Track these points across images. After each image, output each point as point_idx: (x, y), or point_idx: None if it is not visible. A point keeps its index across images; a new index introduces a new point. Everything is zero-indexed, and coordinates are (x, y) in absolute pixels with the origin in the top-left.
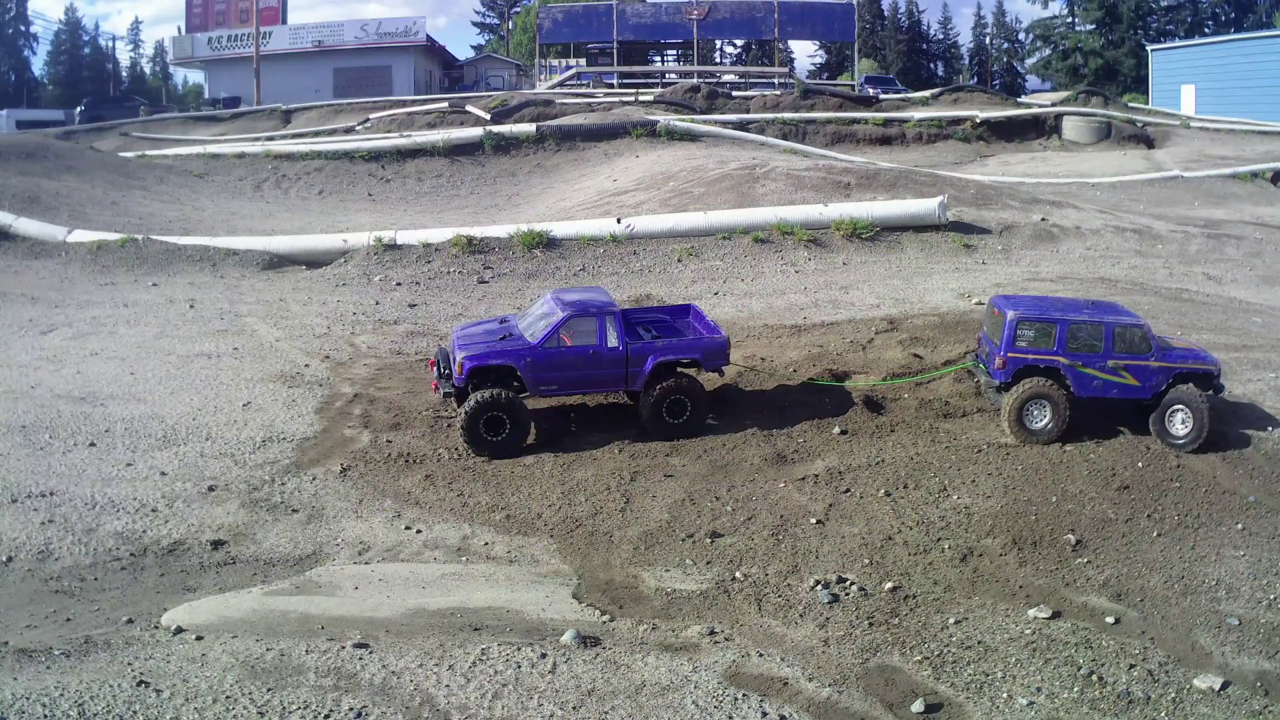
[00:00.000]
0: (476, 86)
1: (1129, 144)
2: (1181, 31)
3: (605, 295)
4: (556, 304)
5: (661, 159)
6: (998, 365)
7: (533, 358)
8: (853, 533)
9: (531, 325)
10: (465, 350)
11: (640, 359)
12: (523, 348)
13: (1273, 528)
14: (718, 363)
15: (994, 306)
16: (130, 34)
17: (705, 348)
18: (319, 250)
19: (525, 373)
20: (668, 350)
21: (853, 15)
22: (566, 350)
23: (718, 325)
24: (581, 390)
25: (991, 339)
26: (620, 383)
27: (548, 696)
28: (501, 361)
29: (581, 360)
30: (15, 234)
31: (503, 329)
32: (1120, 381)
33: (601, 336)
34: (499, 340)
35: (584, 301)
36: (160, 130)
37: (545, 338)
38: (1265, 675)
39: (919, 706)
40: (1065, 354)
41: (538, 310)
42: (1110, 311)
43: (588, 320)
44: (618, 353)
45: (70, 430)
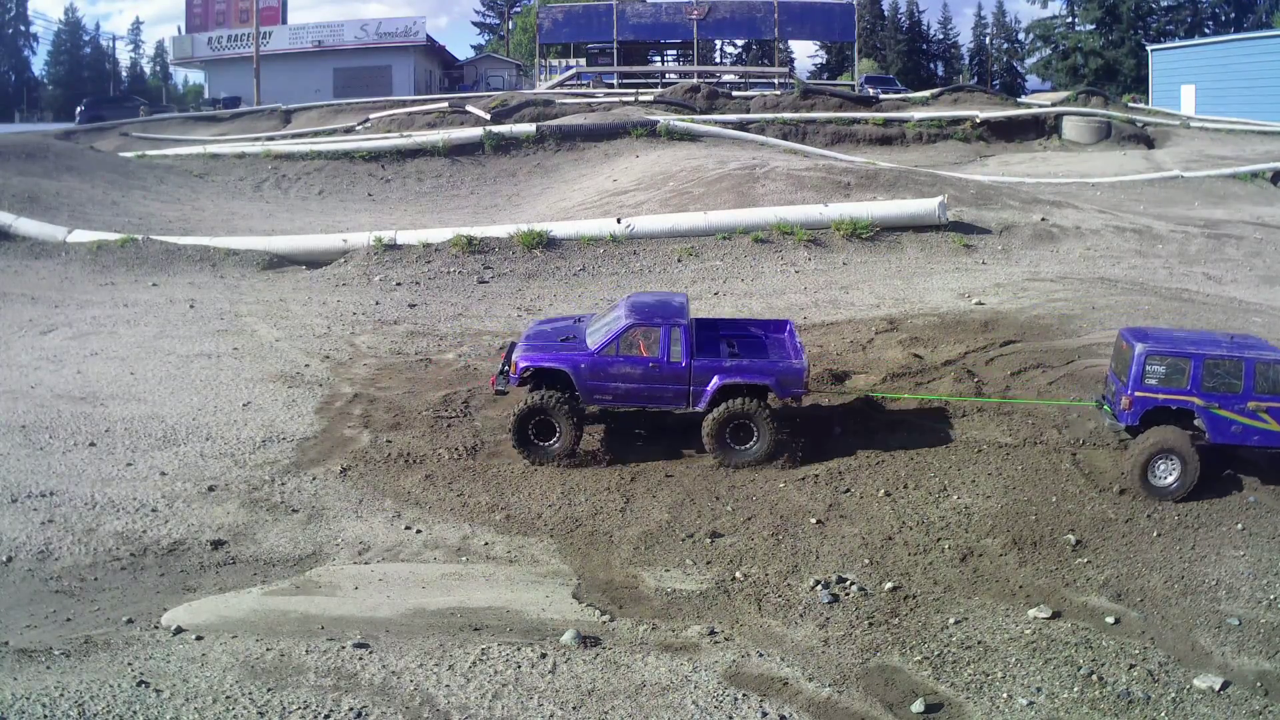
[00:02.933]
0: (476, 86)
1: (1129, 144)
2: (1181, 31)
3: (681, 303)
4: (625, 309)
5: (661, 159)
6: (1124, 406)
7: (588, 364)
8: (853, 533)
9: (597, 329)
10: (524, 349)
11: (704, 377)
12: (579, 353)
13: (1273, 528)
14: (792, 390)
15: (1122, 340)
16: (130, 34)
17: (779, 373)
18: (319, 250)
19: (578, 380)
20: (735, 371)
21: (853, 15)
22: (625, 360)
23: (803, 349)
24: (640, 404)
25: (1118, 375)
26: (682, 400)
27: (548, 696)
28: (555, 365)
29: (641, 372)
30: (15, 234)
31: (573, 329)
32: (1262, 427)
33: (665, 349)
34: (561, 342)
35: (651, 309)
36: (160, 130)
37: (604, 344)
38: (1265, 675)
39: (919, 706)
40: (1201, 394)
41: (610, 313)
42: (1250, 346)
43: (651, 330)
44: (680, 368)
45: (70, 430)
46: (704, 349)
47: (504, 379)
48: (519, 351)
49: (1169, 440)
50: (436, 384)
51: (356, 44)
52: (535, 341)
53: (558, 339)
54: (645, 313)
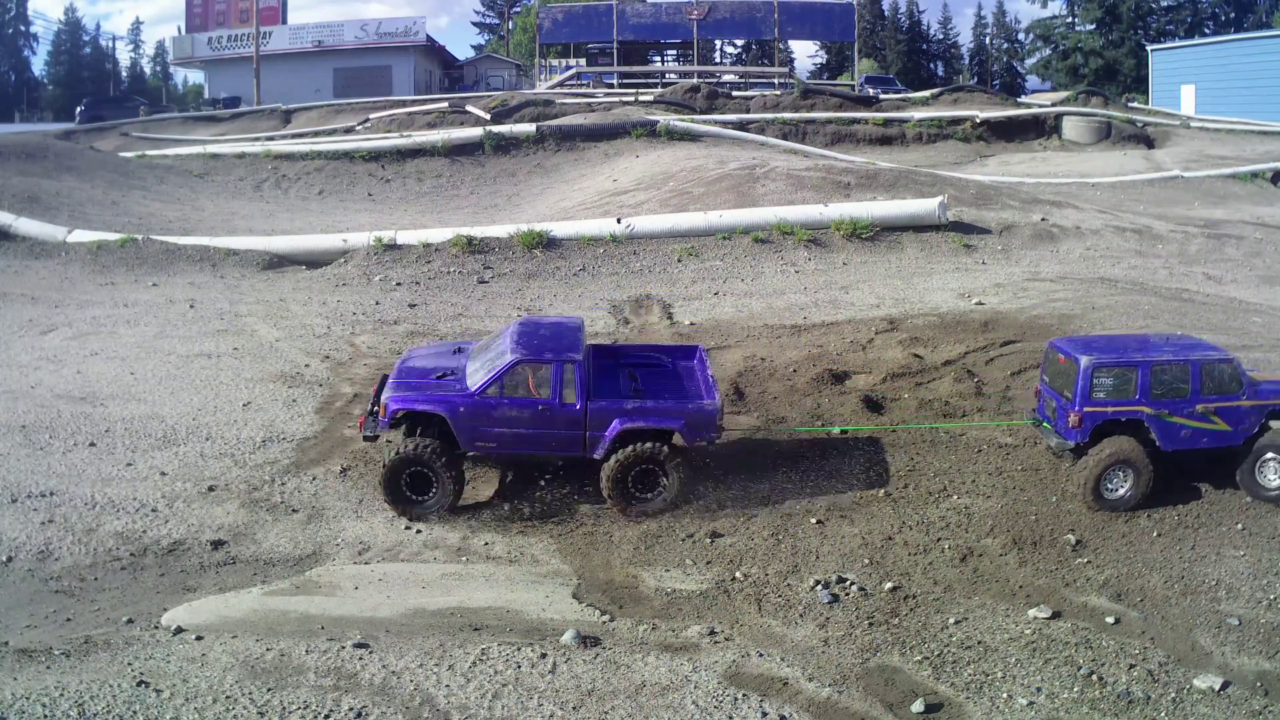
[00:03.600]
0: (476, 86)
1: (1129, 144)
2: (1181, 31)
3: (575, 333)
4: (511, 340)
5: (661, 159)
6: (1072, 423)
7: (468, 408)
8: (853, 533)
9: (480, 365)
10: (395, 388)
11: (602, 421)
12: (457, 394)
13: (1273, 528)
14: (703, 434)
15: (1058, 352)
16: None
17: (689, 414)
18: (319, 250)
19: (456, 425)
20: (638, 414)
21: (853, 15)
22: (510, 402)
23: (715, 383)
24: (529, 450)
25: (1058, 390)
26: (577, 446)
27: (548, 696)
28: (430, 408)
29: (529, 416)
30: (15, 234)
31: (452, 361)
32: (1211, 428)
33: (556, 389)
34: (437, 379)
35: (540, 342)
36: (160, 130)
37: (486, 384)
38: (1265, 675)
39: (919, 706)
40: (1150, 402)
41: (495, 343)
42: (1191, 346)
43: (540, 367)
44: (574, 411)
45: (70, 430)
46: (603, 383)
47: (373, 421)
48: (389, 391)
49: (1124, 451)
50: None
51: (356, 44)
52: (408, 378)
53: (434, 375)
54: (534, 347)
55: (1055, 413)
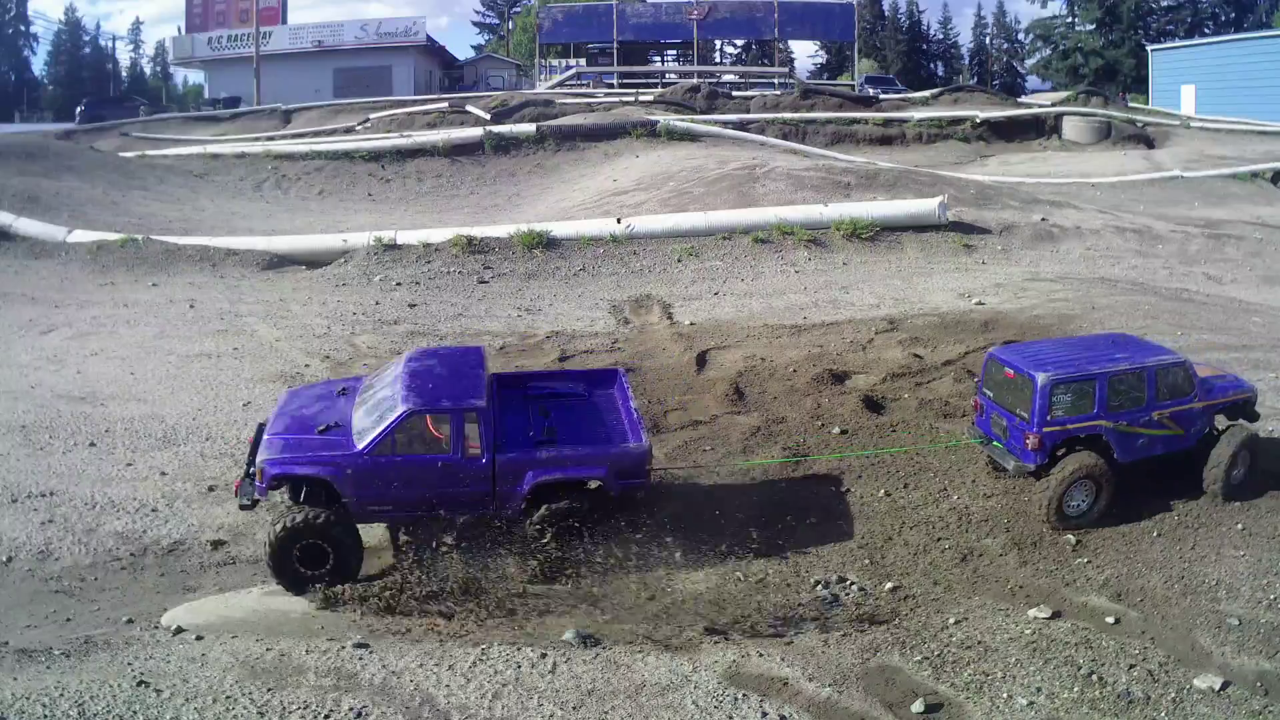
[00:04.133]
0: (476, 86)
1: (1129, 144)
2: (1181, 31)
3: (475, 370)
4: (402, 385)
5: (661, 159)
6: (1031, 445)
7: (356, 470)
8: (853, 533)
9: (368, 414)
10: (270, 448)
11: (513, 475)
12: (342, 454)
13: (1273, 528)
14: (631, 481)
15: (1004, 366)
16: (130, 34)
17: (613, 461)
18: (319, 250)
19: (345, 491)
20: (554, 465)
21: (853, 15)
22: (405, 461)
23: (640, 419)
24: (431, 513)
25: (1008, 408)
26: (487, 504)
27: (548, 696)
28: (312, 472)
29: (428, 475)
30: (15, 234)
31: (336, 410)
32: (1166, 434)
33: (457, 442)
34: (320, 433)
35: (435, 386)
36: (160, 130)
37: (376, 441)
38: (1265, 675)
39: (919, 706)
40: (1108, 415)
41: (385, 385)
42: (1142, 350)
43: (435, 419)
44: (480, 465)
45: (70, 430)
46: (511, 425)
47: (249, 485)
48: (264, 451)
49: (1088, 468)
50: None
51: (356, 44)
52: (287, 434)
53: (315, 427)
54: (428, 393)
55: (1007, 432)
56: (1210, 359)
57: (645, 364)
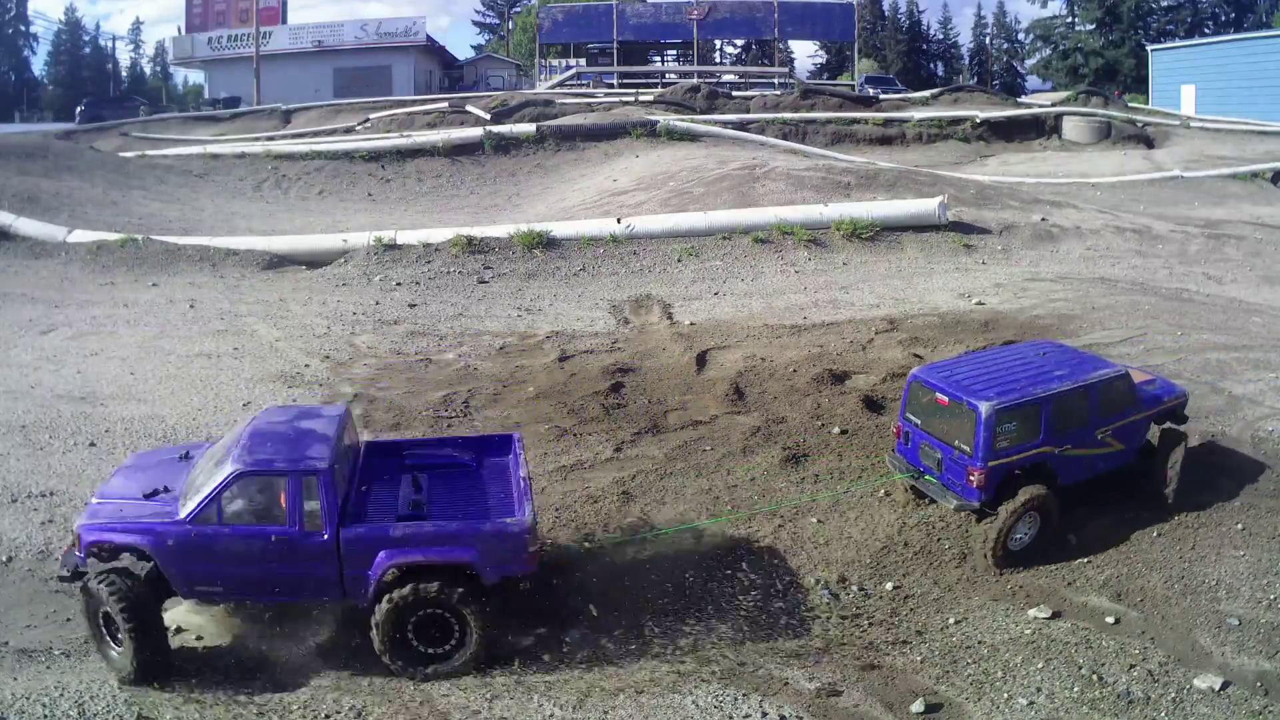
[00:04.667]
0: (476, 86)
1: (1129, 144)
2: (1181, 31)
3: (329, 429)
4: (236, 448)
5: (661, 159)
6: (976, 482)
7: (177, 540)
8: (853, 533)
9: (200, 475)
10: (90, 514)
11: (363, 555)
12: (163, 522)
13: (1273, 528)
14: (510, 567)
15: (934, 391)
16: (130, 34)
17: (485, 541)
18: (319, 250)
19: (164, 563)
20: (410, 545)
21: (853, 15)
22: (232, 531)
23: (529, 487)
24: (269, 598)
25: (942, 438)
26: (333, 589)
27: (548, 696)
28: (127, 540)
29: (260, 550)
30: (15, 234)
31: (173, 471)
32: (1108, 452)
33: (295, 514)
34: (145, 497)
35: (274, 447)
36: (160, 130)
37: (200, 508)
38: (1265, 675)
39: (919, 706)
40: (1053, 439)
41: (221, 450)
42: (1079, 363)
43: (268, 483)
44: (322, 541)
45: (70, 430)
46: (374, 498)
47: (72, 554)
48: (83, 516)
49: (1038, 500)
50: (436, 384)
51: (356, 44)
52: (110, 498)
53: (144, 491)
54: (262, 453)
55: (941, 465)
56: (1210, 359)
57: (645, 364)
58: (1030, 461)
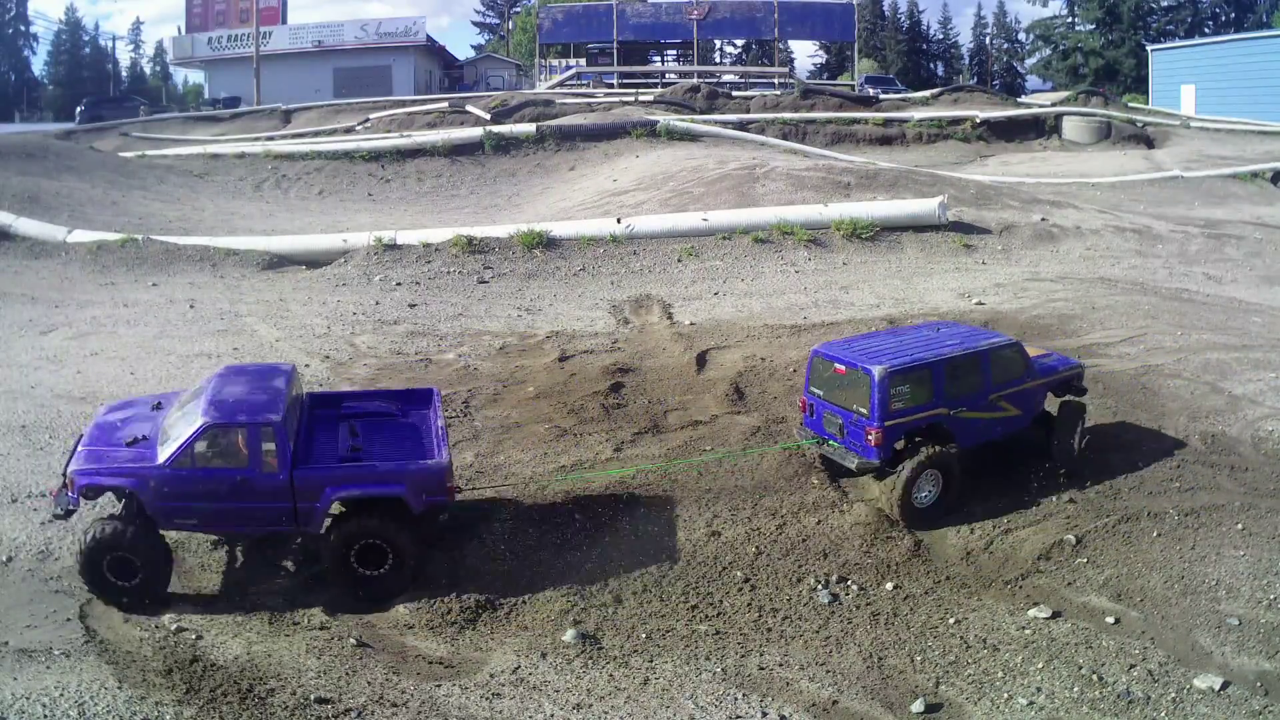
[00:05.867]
0: (476, 86)
1: (1129, 144)
2: (1181, 31)
3: (278, 386)
4: (205, 400)
5: (661, 159)
6: (874, 441)
7: (157, 481)
8: (853, 533)
9: (174, 426)
10: (80, 459)
11: (312, 491)
12: (144, 466)
13: (1273, 528)
14: (433, 497)
15: (833, 362)
16: (130, 34)
17: (412, 477)
18: (319, 250)
19: (148, 501)
20: (353, 481)
21: (853, 15)
22: (205, 474)
23: (446, 434)
24: (235, 529)
25: (842, 405)
26: (288, 520)
27: (548, 696)
28: (115, 483)
29: (227, 488)
30: (15, 234)
31: (149, 421)
32: (1003, 417)
33: (255, 457)
34: (128, 446)
35: (235, 402)
36: (160, 130)
37: (176, 454)
38: (1265, 675)
39: (919, 706)
40: (947, 402)
41: (189, 403)
42: (972, 335)
43: (232, 431)
44: (278, 481)
45: (70, 430)
46: (317, 443)
47: (64, 494)
48: (75, 461)
49: (935, 458)
50: (436, 384)
51: (356, 44)
52: (98, 444)
53: (125, 439)
54: (226, 408)
55: (844, 430)
56: (1210, 359)
57: (645, 364)
58: (926, 423)
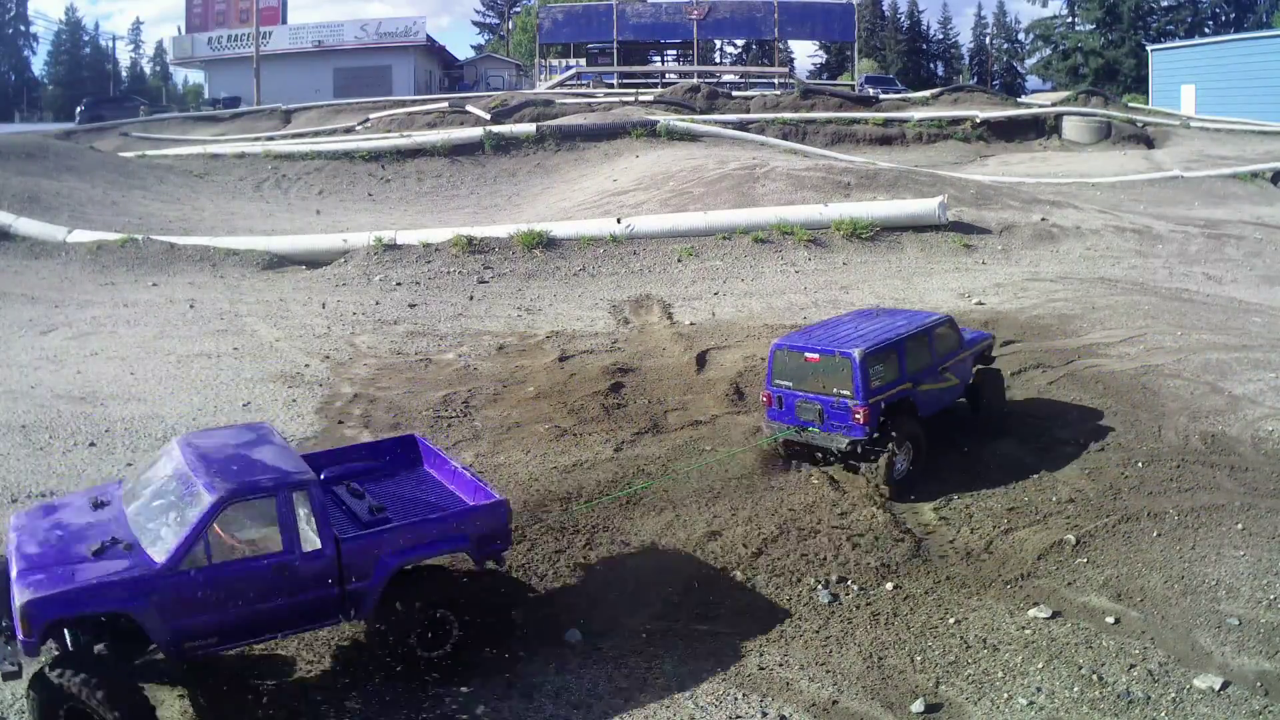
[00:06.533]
0: (476, 86)
1: (1129, 144)
2: (1181, 31)
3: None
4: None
5: (661, 159)
6: (861, 419)
7: (161, 593)
8: (853, 533)
9: (152, 518)
10: (33, 588)
11: (366, 566)
12: (140, 575)
13: (1273, 528)
14: (495, 546)
15: (802, 353)
16: (130, 34)
17: (478, 524)
18: (319, 250)
19: (152, 625)
20: (418, 543)
21: (853, 15)
22: (225, 570)
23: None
24: (266, 635)
25: (819, 392)
26: (335, 610)
27: (548, 696)
28: (103, 607)
29: (257, 583)
30: (15, 234)
31: (100, 523)
32: (949, 386)
33: (289, 534)
34: (93, 554)
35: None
36: (160, 130)
37: (181, 549)
38: (1265, 675)
39: (919, 706)
40: (910, 377)
41: (160, 485)
42: (912, 315)
43: (256, 506)
44: (322, 559)
45: (70, 430)
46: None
47: (9, 646)
48: (24, 589)
49: (913, 430)
50: (436, 384)
51: (356, 44)
52: (47, 563)
53: (85, 548)
54: (237, 474)
55: (824, 415)
56: (1210, 359)
57: (645, 364)
58: (898, 397)
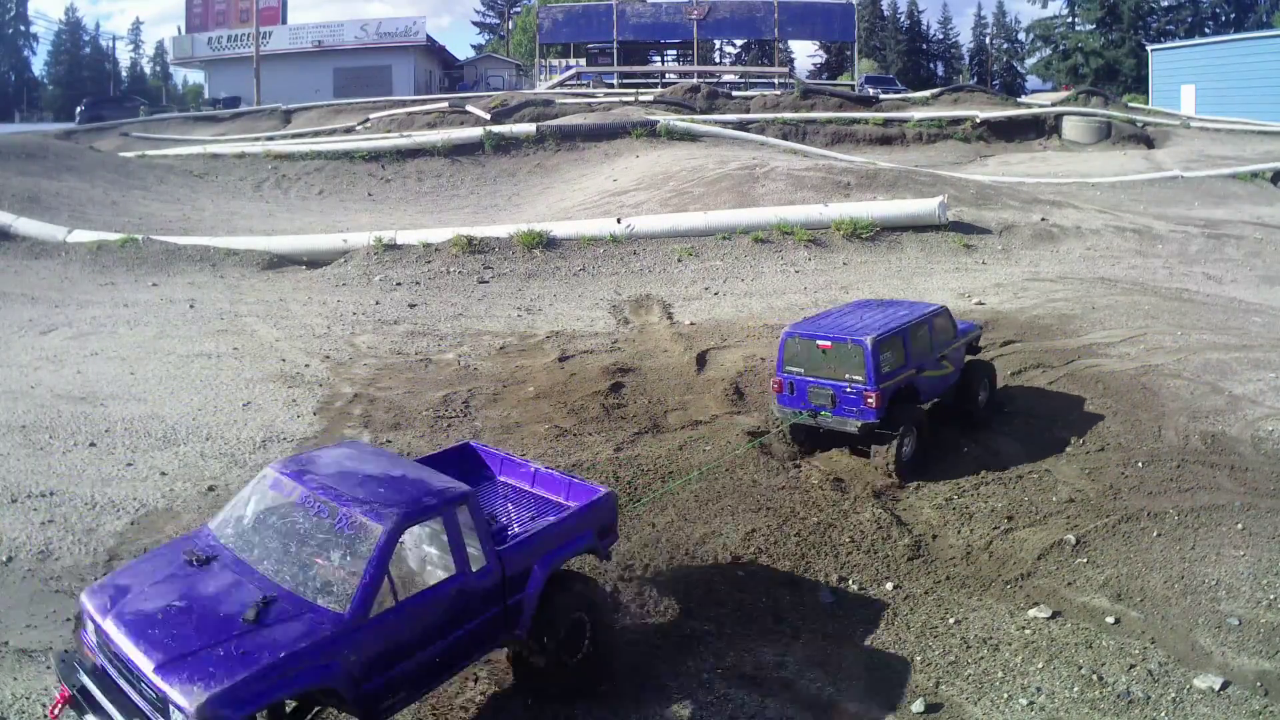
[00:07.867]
0: (476, 86)
1: (1129, 144)
2: (1181, 31)
3: (386, 453)
4: (337, 501)
5: (661, 159)
6: (874, 403)
7: (361, 646)
8: (852, 533)
9: (297, 562)
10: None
11: (522, 576)
12: (330, 630)
13: (1273, 528)
14: (607, 542)
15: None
16: (130, 34)
17: (596, 518)
18: (319, 250)
19: (349, 686)
20: (556, 544)
21: (853, 15)
22: (413, 606)
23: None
24: (449, 670)
25: (831, 378)
26: (500, 628)
27: (549, 695)
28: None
29: (441, 614)
30: (15, 234)
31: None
32: (945, 374)
33: (459, 553)
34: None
35: (390, 489)
36: (160, 130)
37: (369, 588)
38: (1265, 675)
39: (919, 706)
40: (914, 364)
41: (278, 517)
42: (910, 305)
43: (426, 530)
44: (489, 575)
45: (70, 430)
46: None
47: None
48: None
49: (919, 416)
50: (436, 384)
51: (357, 44)
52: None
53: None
54: (401, 499)
55: (836, 400)
56: (1210, 359)
57: (645, 364)
58: (905, 384)
